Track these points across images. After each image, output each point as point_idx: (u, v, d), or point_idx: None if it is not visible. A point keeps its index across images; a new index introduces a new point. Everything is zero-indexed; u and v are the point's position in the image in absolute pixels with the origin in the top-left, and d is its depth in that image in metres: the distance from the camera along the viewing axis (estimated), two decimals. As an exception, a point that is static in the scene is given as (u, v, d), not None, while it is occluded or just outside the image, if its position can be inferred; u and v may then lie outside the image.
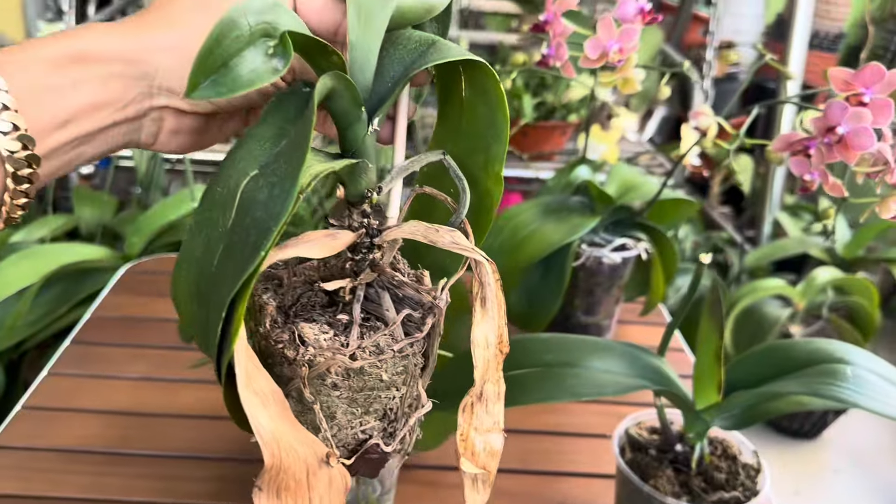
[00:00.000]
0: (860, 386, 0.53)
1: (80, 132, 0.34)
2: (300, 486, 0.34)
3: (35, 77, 0.33)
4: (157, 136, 0.38)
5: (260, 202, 0.32)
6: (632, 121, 1.32)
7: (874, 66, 0.61)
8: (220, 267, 0.33)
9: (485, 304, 0.38)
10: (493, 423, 0.39)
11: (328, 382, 0.36)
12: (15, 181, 0.32)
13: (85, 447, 0.73)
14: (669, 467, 0.60)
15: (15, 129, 0.32)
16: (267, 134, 0.35)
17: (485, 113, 0.40)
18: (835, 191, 0.63)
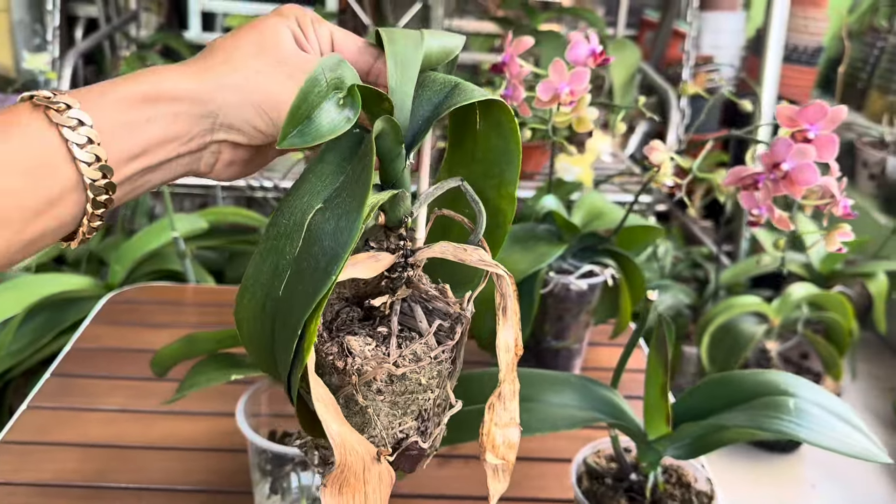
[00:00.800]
0: (802, 419, 0.55)
1: (149, 163, 0.39)
2: (358, 481, 0.38)
3: (114, 114, 0.37)
4: (213, 166, 0.42)
5: (328, 233, 0.37)
6: (606, 143, 1.34)
7: (817, 104, 0.63)
8: (290, 291, 0.37)
9: (506, 314, 0.43)
10: (510, 419, 0.44)
11: (374, 388, 0.39)
12: (93, 206, 0.37)
13: (62, 481, 0.75)
14: (624, 496, 0.61)
15: (97, 160, 0.36)
16: (327, 171, 0.39)
17: (498, 143, 0.44)
18: (781, 224, 0.65)
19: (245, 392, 0.65)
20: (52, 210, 0.35)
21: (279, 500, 0.64)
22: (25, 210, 0.35)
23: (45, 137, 0.35)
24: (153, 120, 0.38)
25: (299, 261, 0.37)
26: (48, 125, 0.35)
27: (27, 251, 0.36)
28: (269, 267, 0.38)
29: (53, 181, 0.35)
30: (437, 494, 0.76)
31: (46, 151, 0.35)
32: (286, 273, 0.37)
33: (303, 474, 0.64)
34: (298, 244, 0.37)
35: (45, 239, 0.36)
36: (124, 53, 1.96)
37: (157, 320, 1.05)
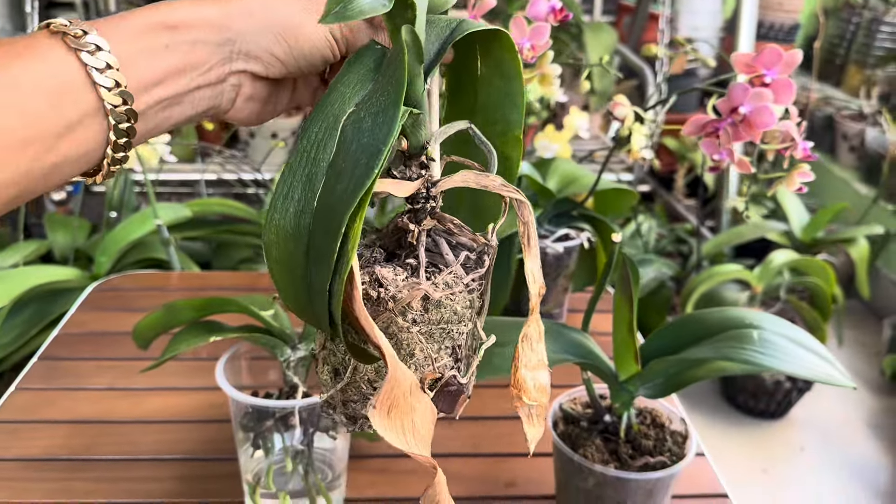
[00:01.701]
0: (766, 348, 0.56)
1: (169, 93, 0.38)
2: (407, 405, 0.37)
3: (133, 41, 0.37)
4: (234, 101, 0.42)
5: (365, 130, 0.36)
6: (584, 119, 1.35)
7: (772, 48, 0.65)
8: (327, 196, 0.36)
9: (529, 242, 0.42)
10: (538, 361, 0.44)
11: (409, 318, 0.39)
12: (116, 134, 0.37)
13: (50, 456, 0.76)
14: (599, 437, 0.63)
15: (117, 85, 0.36)
16: (353, 80, 0.39)
17: (500, 84, 0.44)
18: (742, 167, 0.67)
19: (224, 353, 0.67)
20: (73, 134, 0.35)
21: (262, 457, 0.66)
22: (46, 133, 0.34)
23: (64, 62, 0.35)
24: (171, 47, 0.38)
25: (335, 164, 0.36)
26: (67, 50, 0.35)
27: (50, 180, 0.36)
28: (302, 178, 0.37)
29: (74, 105, 0.35)
30: (421, 454, 0.77)
31: (66, 75, 0.35)
32: (320, 181, 0.36)
33: (285, 433, 0.65)
34: (333, 148, 0.37)
35: (68, 167, 0.36)
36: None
37: (143, 305, 1.05)
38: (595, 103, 1.91)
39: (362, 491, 0.72)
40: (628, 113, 0.71)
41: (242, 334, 0.66)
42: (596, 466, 0.59)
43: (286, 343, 0.66)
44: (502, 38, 0.42)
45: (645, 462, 0.61)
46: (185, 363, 0.89)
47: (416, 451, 0.37)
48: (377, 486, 0.72)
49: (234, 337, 0.66)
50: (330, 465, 0.68)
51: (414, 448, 0.37)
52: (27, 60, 0.35)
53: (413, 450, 0.37)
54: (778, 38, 2.39)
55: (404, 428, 0.37)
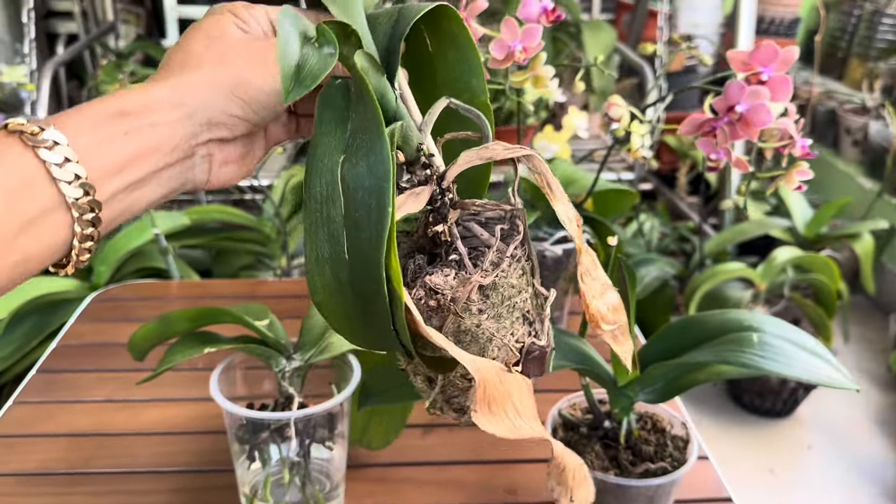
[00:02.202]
0: (766, 351, 0.56)
1: (134, 177, 0.38)
2: (501, 393, 0.38)
3: (91, 132, 0.37)
4: (210, 170, 0.42)
5: (363, 174, 0.36)
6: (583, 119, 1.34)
7: (767, 45, 0.64)
8: (355, 247, 0.37)
9: (552, 188, 0.42)
10: (602, 285, 0.44)
11: (474, 310, 0.39)
12: (81, 225, 0.36)
13: (48, 470, 0.75)
14: (599, 443, 0.62)
15: (77, 178, 0.36)
16: (331, 128, 0.39)
17: (456, 56, 0.45)
18: (739, 166, 0.66)
19: (219, 365, 0.66)
20: (35, 230, 0.35)
21: (259, 469, 0.65)
22: (5, 230, 0.34)
23: (21, 160, 0.35)
24: (130, 133, 0.38)
25: (349, 216, 0.37)
26: (24, 148, 0.35)
27: (15, 276, 0.36)
28: (324, 239, 0.38)
29: (33, 202, 0.35)
30: (421, 462, 0.76)
31: (24, 173, 0.35)
32: (343, 235, 0.37)
33: (282, 444, 0.64)
34: (342, 202, 0.37)
35: (33, 262, 0.36)
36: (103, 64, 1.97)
37: (142, 315, 1.05)
38: (595, 102, 1.90)
39: (361, 500, 0.71)
40: (623, 113, 0.70)
41: (237, 345, 0.65)
42: (596, 474, 0.58)
43: (281, 353, 0.65)
44: (445, 11, 0.43)
45: (646, 468, 0.60)
46: (181, 373, 0.89)
47: (528, 434, 0.39)
48: (376, 496, 0.72)
49: (229, 348, 0.66)
50: (327, 475, 0.68)
51: (526, 430, 0.39)
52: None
53: (525, 433, 0.39)
54: (779, 33, 2.38)
55: (508, 415, 0.39)
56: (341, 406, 0.64)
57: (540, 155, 0.42)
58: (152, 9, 2.40)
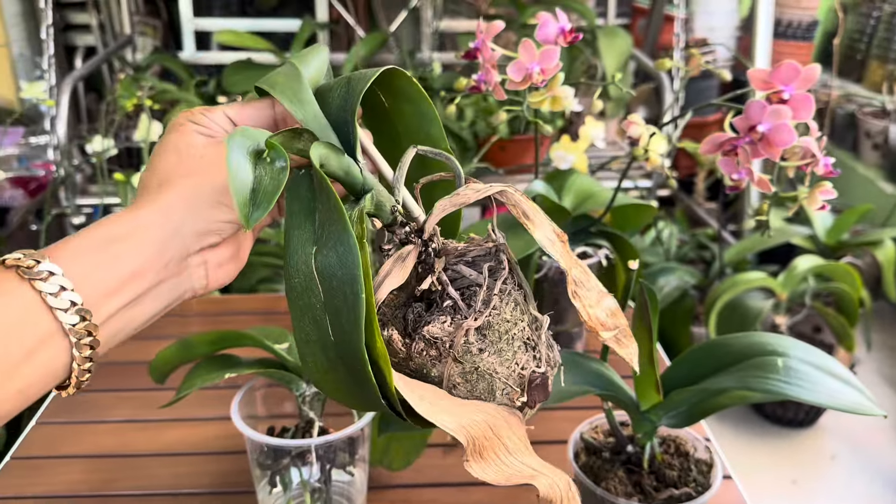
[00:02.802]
0: (790, 376, 0.55)
1: (129, 297, 0.39)
2: (491, 440, 0.41)
3: (83, 259, 0.38)
4: (206, 276, 0.43)
5: (334, 264, 0.38)
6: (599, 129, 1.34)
7: (789, 64, 0.63)
8: (338, 331, 0.38)
9: (528, 216, 0.44)
10: (598, 294, 0.45)
11: (474, 350, 0.41)
12: (79, 349, 0.37)
13: (71, 493, 0.76)
14: (622, 468, 0.61)
15: (73, 304, 0.37)
16: (300, 220, 0.41)
17: (412, 109, 0.46)
18: (762, 186, 0.65)
19: (239, 391, 0.66)
20: (35, 359, 0.36)
21: (281, 493, 0.65)
22: (6, 364, 0.35)
23: (17, 292, 0.36)
24: (121, 256, 0.39)
25: (328, 303, 0.38)
26: (20, 281, 0.36)
27: (16, 403, 0.37)
28: (309, 324, 0.39)
29: (32, 332, 0.36)
30: (443, 483, 0.76)
31: (21, 305, 0.36)
32: (326, 320, 0.39)
33: (303, 468, 0.64)
34: (320, 291, 0.38)
35: (35, 388, 0.37)
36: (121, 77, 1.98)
37: (163, 332, 1.05)
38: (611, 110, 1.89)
39: (383, 524, 0.71)
40: (643, 132, 0.70)
41: (257, 370, 0.66)
42: (620, 500, 0.58)
43: (301, 378, 0.65)
44: (393, 72, 0.44)
45: (669, 494, 0.59)
46: (201, 393, 0.88)
47: (517, 476, 0.40)
48: (397, 519, 0.72)
49: (250, 372, 0.66)
50: (349, 498, 0.68)
51: (516, 470, 0.40)
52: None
53: (515, 476, 0.40)
54: (796, 36, 2.36)
55: (499, 456, 0.41)
56: (362, 431, 0.64)
57: (506, 187, 0.43)
58: (169, 21, 2.41)
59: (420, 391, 0.41)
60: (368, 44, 1.98)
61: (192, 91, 1.83)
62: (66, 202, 1.70)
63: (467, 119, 1.71)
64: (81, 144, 1.78)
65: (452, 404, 0.41)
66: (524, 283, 0.44)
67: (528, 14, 1.89)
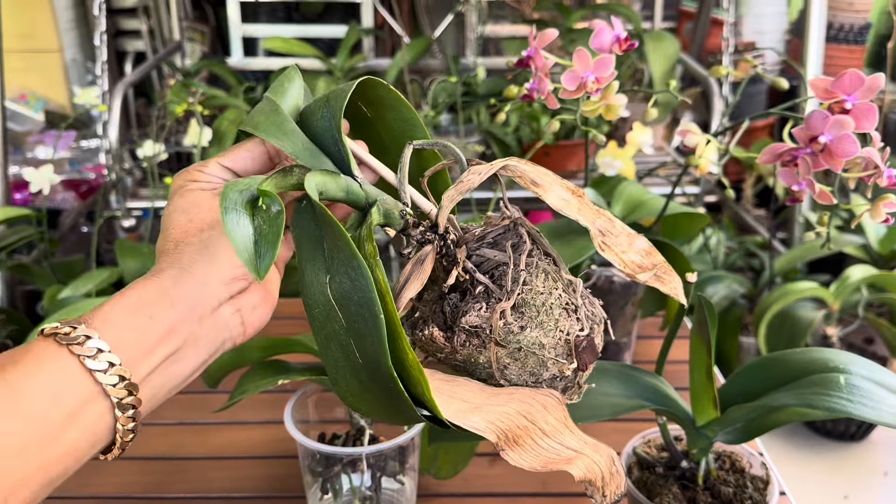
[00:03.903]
0: (853, 394, 0.53)
1: (167, 353, 0.40)
2: (525, 429, 0.41)
3: (119, 324, 0.39)
4: (243, 322, 0.44)
5: (349, 289, 0.39)
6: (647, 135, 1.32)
7: (853, 73, 0.62)
8: (364, 354, 0.39)
9: (537, 183, 0.44)
10: (627, 237, 0.45)
11: (516, 329, 0.41)
12: (121, 409, 0.38)
13: (125, 494, 0.77)
14: (676, 484, 0.60)
15: (111, 365, 0.38)
16: (309, 251, 0.42)
17: (393, 116, 0.47)
18: (823, 199, 0.64)
19: (292, 397, 0.66)
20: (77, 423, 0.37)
21: (331, 500, 0.65)
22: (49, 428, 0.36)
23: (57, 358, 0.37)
24: (154, 316, 0.40)
25: (350, 327, 0.39)
26: (58, 347, 0.37)
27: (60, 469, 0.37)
28: (336, 350, 0.40)
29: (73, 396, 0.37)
30: (489, 493, 0.76)
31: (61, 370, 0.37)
32: (351, 344, 0.39)
33: (353, 475, 0.64)
34: (340, 317, 0.39)
35: (80, 452, 0.38)
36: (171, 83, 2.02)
37: (211, 336, 1.07)
38: (658, 114, 1.87)
39: (431, 532, 0.71)
40: (699, 141, 0.69)
41: (309, 376, 0.66)
42: (674, 517, 0.57)
43: (352, 386, 0.65)
44: (369, 83, 0.45)
45: (725, 512, 0.58)
46: (252, 396, 0.89)
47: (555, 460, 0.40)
48: (446, 528, 0.71)
49: (301, 379, 0.66)
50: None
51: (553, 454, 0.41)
52: (21, 365, 0.37)
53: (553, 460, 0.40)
54: (848, 40, 2.31)
55: (536, 441, 0.41)
56: (412, 440, 0.64)
57: (514, 159, 0.44)
58: (216, 27, 2.45)
59: (453, 391, 0.41)
60: (413, 49, 1.98)
61: (241, 97, 1.86)
62: (117, 205, 1.73)
63: (511, 125, 1.71)
64: (132, 149, 1.82)
65: (486, 398, 0.41)
66: (550, 250, 0.44)
67: (574, 18, 1.88)
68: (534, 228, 0.45)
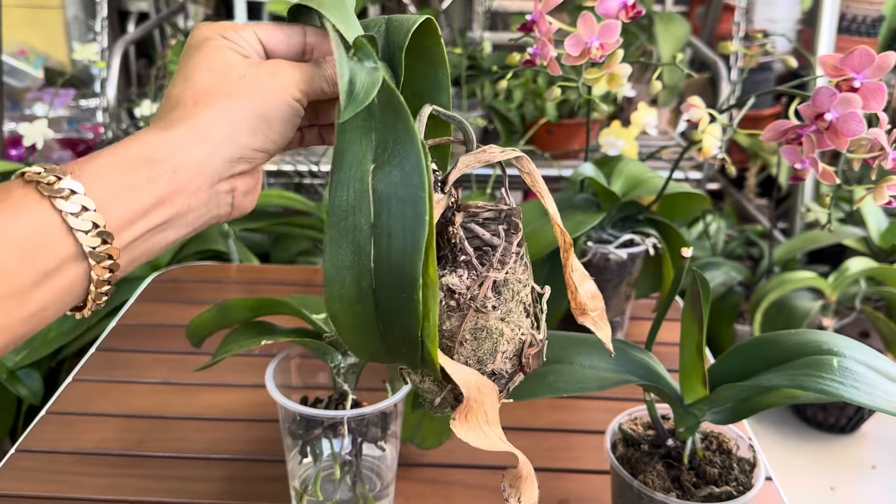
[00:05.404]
0: (846, 377, 0.52)
1: (156, 222, 0.38)
2: (477, 404, 0.41)
3: (110, 179, 0.36)
4: (232, 204, 0.42)
5: (397, 183, 0.36)
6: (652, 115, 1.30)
7: (863, 50, 0.60)
8: (384, 255, 0.36)
9: (540, 189, 0.44)
10: (580, 274, 0.46)
11: (489, 307, 0.41)
12: (98, 273, 0.36)
13: (103, 450, 0.76)
14: (661, 462, 0.59)
15: (94, 227, 0.35)
16: (356, 137, 0.39)
17: (426, 70, 0.45)
18: (826, 178, 0.62)
19: (274, 358, 0.65)
20: (52, 281, 0.35)
21: (311, 463, 0.64)
22: (21, 285, 0.34)
23: (37, 211, 0.35)
24: (151, 178, 0.37)
25: (378, 225, 0.37)
26: (40, 198, 0.35)
27: (32, 323, 0.35)
28: (347, 248, 0.37)
29: (50, 254, 0.35)
30: (473, 465, 0.75)
31: (40, 225, 0.35)
32: (370, 243, 0.37)
33: (334, 439, 0.63)
34: (371, 211, 0.37)
35: (49, 311, 0.36)
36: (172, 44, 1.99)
37: (201, 298, 1.06)
38: (664, 98, 1.84)
39: (411, 502, 0.70)
40: (703, 116, 0.67)
41: (294, 338, 0.65)
42: (657, 494, 0.56)
43: (337, 349, 0.64)
44: (426, 26, 0.42)
45: (709, 492, 0.57)
46: (236, 359, 0.89)
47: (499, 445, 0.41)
48: (426, 498, 0.71)
49: (286, 340, 0.65)
50: (379, 474, 0.67)
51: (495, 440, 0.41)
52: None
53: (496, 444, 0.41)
54: (861, 32, 2.28)
55: (480, 423, 0.41)
56: (395, 406, 0.63)
57: (523, 155, 0.43)
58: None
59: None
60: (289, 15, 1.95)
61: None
62: (114, 165, 1.71)
63: (515, 101, 1.69)
64: (130, 108, 1.80)
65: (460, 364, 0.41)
66: (527, 257, 0.44)
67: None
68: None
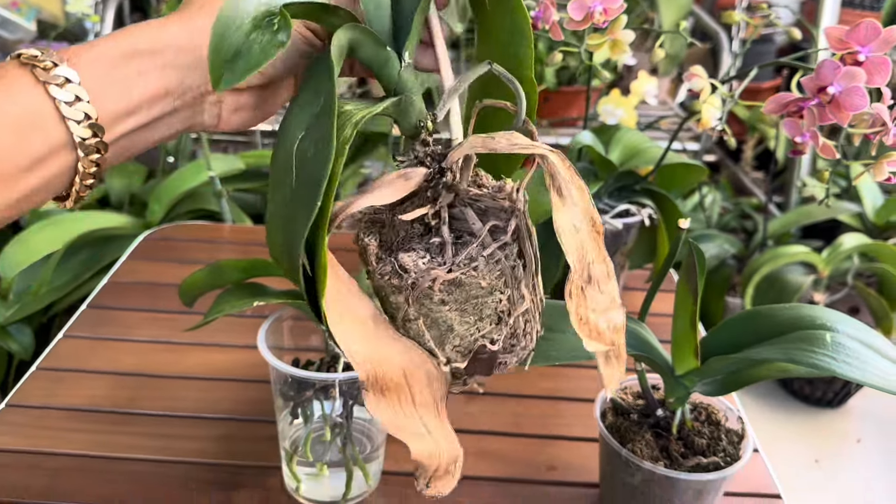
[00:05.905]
0: (838, 353, 0.52)
1: (145, 119, 0.38)
2: (400, 385, 0.39)
3: (105, 70, 0.36)
4: (219, 116, 0.41)
5: (309, 159, 0.36)
6: (652, 84, 1.29)
7: (869, 23, 0.59)
8: (294, 221, 0.36)
9: (561, 193, 0.39)
10: (610, 301, 0.41)
11: (436, 300, 0.38)
12: (85, 165, 0.36)
13: (93, 407, 0.76)
14: (650, 432, 0.60)
15: (87, 117, 0.35)
16: (307, 99, 0.38)
17: (505, 21, 0.42)
18: (826, 152, 0.61)
19: (267, 319, 0.65)
20: (40, 168, 0.35)
21: (301, 425, 0.64)
22: (12, 168, 0.34)
23: (31, 95, 0.34)
24: (144, 73, 0.37)
25: (296, 190, 0.36)
26: (35, 83, 0.35)
27: (17, 208, 0.36)
28: (279, 200, 0.38)
29: (41, 140, 0.35)
30: (463, 429, 0.75)
31: (33, 109, 0.34)
32: (290, 205, 0.37)
33: (325, 401, 0.63)
34: (293, 175, 0.37)
35: (36, 197, 0.36)
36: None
37: (193, 257, 1.05)
38: (664, 67, 1.83)
39: (401, 464, 0.70)
40: (705, 86, 0.66)
41: (286, 300, 0.64)
42: (645, 463, 0.56)
43: (329, 312, 0.64)
44: None
45: (697, 462, 0.57)
46: (227, 319, 0.88)
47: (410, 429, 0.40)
48: (415, 461, 0.71)
49: (278, 302, 0.65)
50: (369, 436, 0.67)
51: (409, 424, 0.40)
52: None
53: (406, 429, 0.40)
54: (864, 5, 2.26)
55: (400, 403, 0.39)
56: (387, 370, 0.63)
57: (552, 152, 0.38)
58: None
59: (351, 309, 0.38)
60: None
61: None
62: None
63: (514, 66, 1.67)
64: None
65: (382, 336, 0.39)
66: (530, 257, 0.40)
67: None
68: (528, 226, 0.40)
